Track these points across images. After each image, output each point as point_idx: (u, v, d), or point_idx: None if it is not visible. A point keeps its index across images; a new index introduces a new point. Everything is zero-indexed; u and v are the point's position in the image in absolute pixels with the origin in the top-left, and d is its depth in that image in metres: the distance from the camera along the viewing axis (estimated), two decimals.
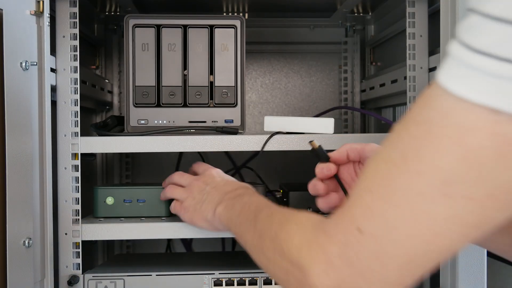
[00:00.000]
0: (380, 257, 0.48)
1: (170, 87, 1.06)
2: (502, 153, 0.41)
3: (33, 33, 0.84)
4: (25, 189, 0.81)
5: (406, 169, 0.45)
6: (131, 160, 1.48)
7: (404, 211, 0.45)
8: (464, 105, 0.42)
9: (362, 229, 0.48)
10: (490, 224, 0.45)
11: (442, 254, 0.47)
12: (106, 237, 0.98)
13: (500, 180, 0.42)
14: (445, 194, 0.43)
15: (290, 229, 0.58)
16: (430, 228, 0.45)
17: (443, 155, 0.43)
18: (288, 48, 1.51)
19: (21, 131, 0.80)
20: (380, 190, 0.47)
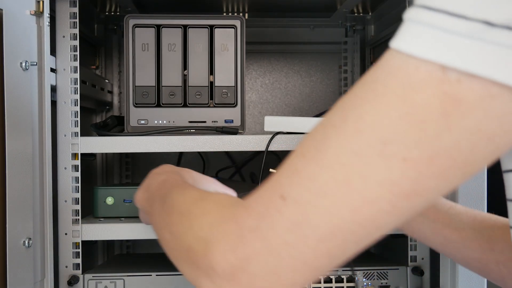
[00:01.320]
0: (299, 228, 0.43)
1: (170, 87, 1.06)
2: (447, 113, 0.39)
3: (33, 33, 0.84)
4: (25, 189, 0.81)
5: (344, 128, 0.42)
6: (131, 160, 1.48)
7: (336, 173, 0.42)
8: (413, 61, 0.39)
9: (286, 195, 0.44)
10: (422, 197, 0.42)
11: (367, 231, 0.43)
12: (106, 237, 0.98)
13: (440, 143, 0.39)
14: (382, 155, 0.40)
15: (205, 205, 0.52)
16: (360, 194, 0.41)
17: (385, 112, 0.40)
18: (288, 48, 1.51)
19: (21, 131, 0.80)
20: (313, 152, 0.43)
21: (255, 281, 0.45)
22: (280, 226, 0.44)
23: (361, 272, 1.01)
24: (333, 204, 0.42)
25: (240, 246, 0.45)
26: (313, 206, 0.42)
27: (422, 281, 1.03)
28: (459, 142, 0.39)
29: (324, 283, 0.99)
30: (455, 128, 0.39)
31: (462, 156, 0.40)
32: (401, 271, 1.02)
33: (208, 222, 0.49)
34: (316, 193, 0.42)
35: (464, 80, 0.38)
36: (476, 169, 0.42)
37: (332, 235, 0.43)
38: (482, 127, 0.39)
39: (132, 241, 1.49)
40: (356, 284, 1.01)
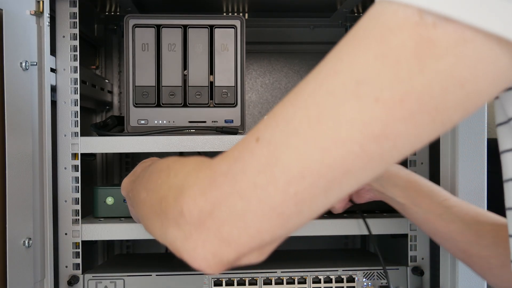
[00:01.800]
0: (269, 169, 0.43)
1: (170, 87, 1.06)
2: (420, 55, 0.39)
3: (33, 33, 0.84)
4: (25, 189, 0.81)
5: (322, 71, 0.43)
6: (131, 160, 1.48)
7: (309, 112, 0.42)
8: (393, 6, 0.40)
9: (260, 138, 0.44)
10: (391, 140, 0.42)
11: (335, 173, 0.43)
12: (106, 237, 0.98)
13: (412, 85, 0.40)
14: (355, 94, 0.41)
15: (187, 160, 0.52)
16: (331, 133, 0.42)
17: (362, 53, 0.41)
18: (288, 48, 1.51)
19: (21, 131, 0.80)
20: (292, 97, 0.44)
21: (222, 227, 0.45)
22: (251, 168, 0.44)
23: (361, 272, 1.01)
24: (304, 144, 0.42)
25: (210, 190, 0.45)
26: (284, 145, 0.43)
27: (422, 281, 1.03)
28: (430, 85, 0.40)
29: (324, 283, 0.99)
30: (428, 70, 0.39)
31: (433, 100, 0.40)
32: (401, 271, 1.02)
33: (184, 171, 0.50)
34: (288, 133, 0.43)
35: (440, 24, 0.39)
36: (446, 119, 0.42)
37: (301, 177, 0.43)
38: (454, 71, 0.39)
39: (132, 241, 1.49)
40: (356, 284, 1.01)
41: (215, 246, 0.45)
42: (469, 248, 0.76)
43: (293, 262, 1.08)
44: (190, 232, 0.46)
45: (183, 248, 0.47)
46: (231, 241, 0.45)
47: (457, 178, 0.93)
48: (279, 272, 0.99)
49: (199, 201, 0.45)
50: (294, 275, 0.99)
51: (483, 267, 0.75)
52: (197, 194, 0.46)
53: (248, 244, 0.45)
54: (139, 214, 0.59)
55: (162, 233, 0.50)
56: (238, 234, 0.45)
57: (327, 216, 1.02)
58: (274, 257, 1.29)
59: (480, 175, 0.93)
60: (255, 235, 0.45)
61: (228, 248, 0.45)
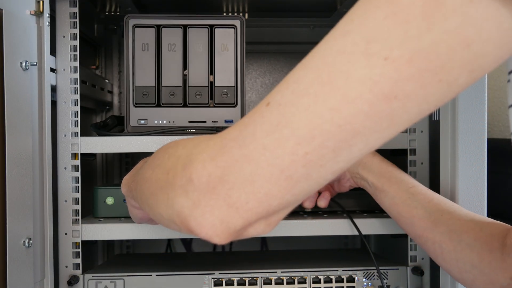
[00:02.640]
0: (278, 130, 0.43)
1: (170, 87, 1.06)
2: (428, 14, 0.40)
3: (33, 33, 0.84)
4: (25, 189, 0.81)
5: (333, 33, 0.44)
6: (131, 160, 1.48)
7: (320, 72, 0.43)
8: None
9: (271, 101, 0.44)
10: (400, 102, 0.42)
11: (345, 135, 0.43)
12: (106, 237, 0.98)
13: (420, 43, 0.41)
14: (366, 53, 0.42)
15: (190, 139, 0.52)
16: (341, 92, 0.42)
17: (372, 13, 0.42)
18: (288, 48, 1.51)
19: (21, 131, 0.80)
20: (304, 61, 0.45)
21: (230, 191, 0.45)
22: (260, 130, 0.44)
23: (361, 272, 1.01)
24: (314, 103, 0.42)
25: (220, 155, 0.45)
26: (295, 106, 0.43)
27: (422, 281, 1.03)
28: (437, 43, 0.40)
29: (324, 283, 0.99)
30: (435, 29, 0.40)
31: (440, 59, 0.41)
32: (401, 271, 1.02)
33: (194, 142, 0.49)
34: (299, 94, 0.43)
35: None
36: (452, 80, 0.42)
37: (310, 137, 0.43)
38: (460, 31, 0.40)
39: (132, 241, 1.49)
40: (356, 284, 1.01)
41: (223, 212, 0.45)
42: (425, 233, 0.81)
43: (293, 262, 1.08)
44: (198, 198, 0.45)
45: (191, 215, 0.46)
46: (239, 206, 0.45)
47: (457, 178, 0.93)
48: (279, 272, 0.99)
49: (208, 166, 0.45)
50: (294, 275, 0.99)
51: (436, 251, 0.79)
52: (207, 160, 0.45)
53: (255, 209, 0.45)
54: (143, 198, 0.58)
55: (169, 205, 0.49)
56: (246, 198, 0.44)
57: (327, 216, 1.02)
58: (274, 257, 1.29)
59: (480, 175, 0.93)
60: (263, 200, 0.44)
61: (236, 214, 0.45)
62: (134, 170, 0.79)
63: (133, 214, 0.82)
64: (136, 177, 0.67)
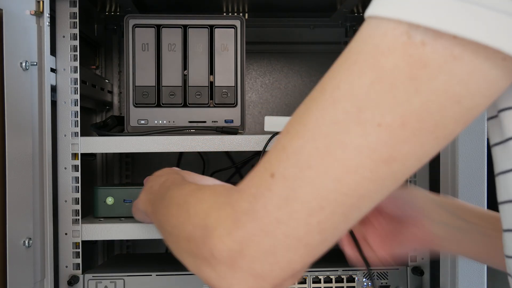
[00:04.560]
0: (289, 203, 0.44)
1: (170, 87, 1.06)
2: (414, 76, 0.40)
3: (33, 33, 0.84)
4: (25, 189, 0.81)
5: (322, 100, 0.44)
6: (131, 160, 1.48)
7: (318, 144, 0.43)
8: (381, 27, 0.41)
9: (275, 173, 0.45)
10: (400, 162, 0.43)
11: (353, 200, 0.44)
12: (106, 237, 0.98)
13: (411, 106, 0.41)
14: (359, 121, 0.42)
15: (201, 194, 0.53)
16: (342, 162, 0.43)
17: (358, 79, 0.42)
18: (288, 48, 1.51)
19: (21, 131, 0.80)
20: (296, 127, 0.45)
21: (254, 264, 0.46)
22: (271, 204, 0.45)
23: (361, 272, 1.01)
24: (318, 175, 0.43)
25: (236, 230, 0.46)
26: (300, 179, 0.44)
27: (422, 281, 1.03)
28: (428, 104, 0.41)
29: (324, 283, 0.99)
30: (423, 90, 0.40)
31: (433, 118, 0.41)
32: (401, 271, 1.02)
33: (204, 209, 0.50)
34: (301, 166, 0.44)
35: (428, 42, 0.40)
36: (449, 134, 0.43)
37: (320, 208, 0.44)
38: (448, 89, 0.40)
39: (132, 241, 1.49)
40: (356, 284, 1.01)
41: (250, 283, 0.47)
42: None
43: None
44: (224, 272, 0.47)
45: (219, 286, 0.48)
46: (264, 276, 0.46)
47: (457, 179, 0.93)
48: None
49: (227, 241, 0.46)
50: None
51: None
52: (224, 235, 0.46)
53: (281, 276, 0.46)
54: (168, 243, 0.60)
55: (196, 269, 0.51)
56: (270, 268, 0.46)
57: None
58: None
59: (480, 175, 0.93)
60: (287, 267, 0.46)
61: (264, 282, 0.46)
62: (149, 193, 0.76)
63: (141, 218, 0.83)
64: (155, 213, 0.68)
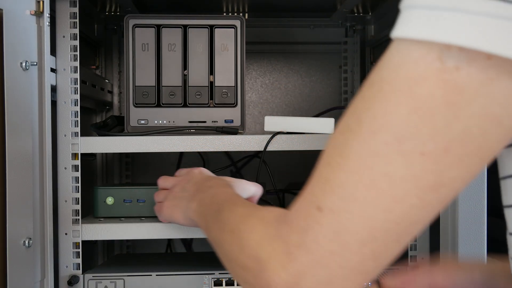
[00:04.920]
0: (340, 236, 0.44)
1: (170, 87, 1.06)
2: (451, 102, 0.40)
3: (33, 33, 0.84)
4: (25, 189, 0.81)
5: (360, 131, 0.43)
6: (131, 160, 1.48)
7: (362, 176, 0.43)
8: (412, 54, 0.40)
9: (321, 206, 0.45)
10: (448, 187, 0.43)
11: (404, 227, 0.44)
12: (106, 237, 0.98)
13: (452, 133, 0.40)
14: (400, 152, 0.41)
15: (252, 223, 0.54)
16: (388, 193, 0.42)
17: (395, 110, 0.41)
18: (288, 48, 1.51)
19: (21, 131, 0.80)
20: (338, 159, 0.45)
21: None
22: (322, 238, 0.45)
23: None
24: (366, 208, 0.43)
25: (290, 263, 0.47)
26: (348, 213, 0.44)
27: None
28: (469, 129, 0.40)
29: None
30: (463, 116, 0.40)
31: (475, 142, 0.41)
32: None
33: (255, 240, 0.52)
34: (348, 200, 0.44)
35: (462, 66, 0.39)
36: (492, 152, 0.42)
37: (372, 238, 0.44)
38: (488, 111, 0.40)
39: (132, 241, 1.49)
40: None
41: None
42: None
43: None
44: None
45: None
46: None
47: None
48: None
49: (282, 275, 0.47)
50: None
51: None
52: (279, 268, 0.47)
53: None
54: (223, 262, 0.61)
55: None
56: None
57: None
58: None
59: (480, 175, 0.93)
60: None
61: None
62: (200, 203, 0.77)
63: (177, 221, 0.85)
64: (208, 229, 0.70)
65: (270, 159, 1.09)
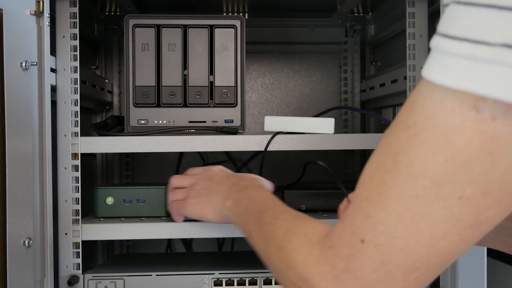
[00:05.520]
0: (384, 267, 0.48)
1: (170, 87, 1.06)
2: (489, 151, 0.41)
3: (33, 33, 0.84)
4: (25, 189, 0.81)
5: (398, 174, 0.45)
6: (131, 160, 1.48)
7: (402, 217, 0.46)
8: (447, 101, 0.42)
9: (365, 239, 0.48)
10: (487, 223, 0.45)
11: (445, 258, 0.47)
12: (106, 237, 0.98)
13: (491, 177, 0.42)
14: (439, 196, 0.43)
15: (296, 242, 0.57)
16: (429, 231, 0.45)
17: (432, 158, 0.43)
18: (288, 48, 1.51)
19: (21, 131, 0.80)
20: (377, 197, 0.47)
21: None
22: (367, 266, 0.48)
23: None
24: (407, 244, 0.46)
25: (338, 285, 0.50)
26: (390, 247, 0.47)
27: None
28: (507, 174, 0.42)
29: None
30: (500, 163, 0.41)
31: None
32: None
33: (302, 261, 0.55)
34: (389, 236, 0.47)
35: (498, 116, 0.40)
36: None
37: (414, 268, 0.47)
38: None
39: (132, 241, 1.49)
40: None
41: None
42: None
43: None
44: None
45: None
46: None
47: None
48: None
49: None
50: None
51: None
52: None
53: None
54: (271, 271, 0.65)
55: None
56: None
57: (327, 216, 1.02)
58: None
59: None
60: None
61: None
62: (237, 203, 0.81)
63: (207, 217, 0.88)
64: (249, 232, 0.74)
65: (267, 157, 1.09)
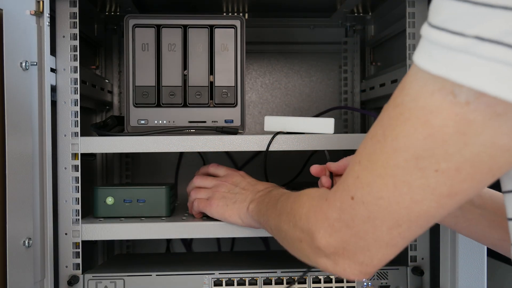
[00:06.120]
0: (371, 221, 0.55)
1: (170, 87, 1.06)
2: (462, 132, 0.46)
3: (33, 33, 0.84)
4: (25, 189, 0.81)
5: (385, 145, 0.52)
6: (131, 160, 1.48)
7: (386, 181, 0.52)
8: (428, 84, 0.47)
9: (354, 196, 0.56)
10: (461, 195, 0.50)
11: (425, 219, 0.53)
12: (106, 237, 0.98)
13: (462, 156, 0.47)
14: (418, 167, 0.49)
15: (301, 200, 0.67)
16: (409, 196, 0.51)
17: (413, 134, 0.49)
18: (288, 48, 1.51)
19: (21, 131, 0.80)
20: (366, 163, 0.54)
21: (356, 256, 0.59)
22: (356, 219, 0.56)
23: None
24: (390, 204, 0.53)
25: (334, 232, 0.59)
26: (375, 206, 0.54)
27: (422, 281, 1.03)
28: (478, 154, 0.47)
29: (324, 283, 0.99)
30: (472, 144, 0.46)
31: (485, 164, 0.47)
32: (401, 271, 1.02)
33: (304, 213, 0.64)
34: (374, 196, 0.54)
35: (472, 101, 0.45)
36: (503, 171, 0.48)
37: (397, 225, 0.54)
38: (495, 141, 0.45)
39: (132, 241, 1.49)
40: (356, 284, 1.01)
41: (357, 267, 0.60)
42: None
43: (293, 262, 1.08)
44: (336, 259, 0.61)
45: (335, 270, 0.61)
46: (367, 263, 0.59)
47: None
48: (279, 272, 0.99)
49: (330, 240, 0.60)
50: (294, 275, 0.99)
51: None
52: (326, 237, 0.60)
53: (379, 263, 0.59)
54: (283, 244, 0.75)
55: (313, 262, 0.65)
56: (369, 258, 0.58)
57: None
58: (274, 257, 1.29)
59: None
60: (382, 258, 0.58)
61: (367, 267, 0.59)
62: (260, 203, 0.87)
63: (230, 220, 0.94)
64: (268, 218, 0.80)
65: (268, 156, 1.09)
